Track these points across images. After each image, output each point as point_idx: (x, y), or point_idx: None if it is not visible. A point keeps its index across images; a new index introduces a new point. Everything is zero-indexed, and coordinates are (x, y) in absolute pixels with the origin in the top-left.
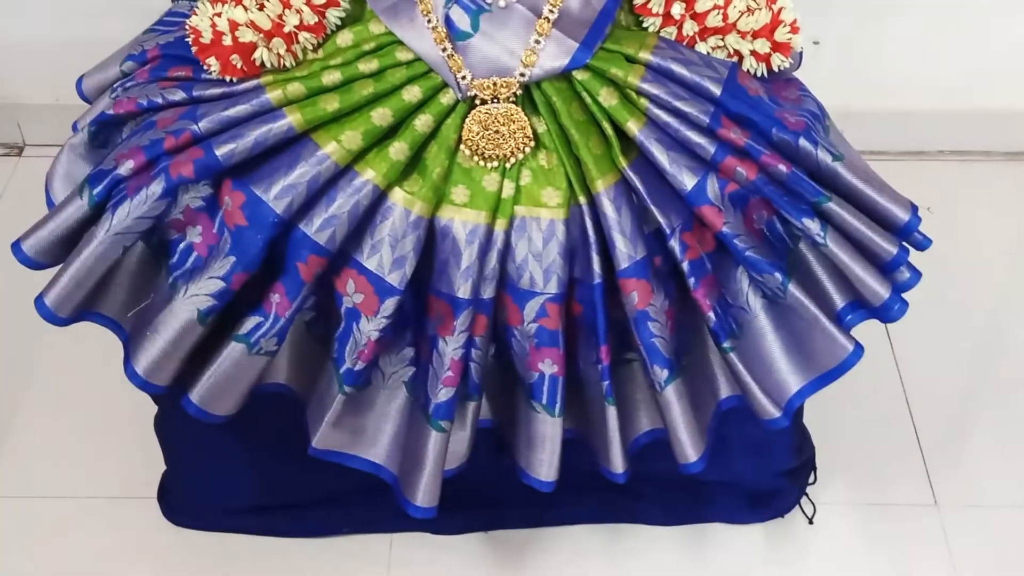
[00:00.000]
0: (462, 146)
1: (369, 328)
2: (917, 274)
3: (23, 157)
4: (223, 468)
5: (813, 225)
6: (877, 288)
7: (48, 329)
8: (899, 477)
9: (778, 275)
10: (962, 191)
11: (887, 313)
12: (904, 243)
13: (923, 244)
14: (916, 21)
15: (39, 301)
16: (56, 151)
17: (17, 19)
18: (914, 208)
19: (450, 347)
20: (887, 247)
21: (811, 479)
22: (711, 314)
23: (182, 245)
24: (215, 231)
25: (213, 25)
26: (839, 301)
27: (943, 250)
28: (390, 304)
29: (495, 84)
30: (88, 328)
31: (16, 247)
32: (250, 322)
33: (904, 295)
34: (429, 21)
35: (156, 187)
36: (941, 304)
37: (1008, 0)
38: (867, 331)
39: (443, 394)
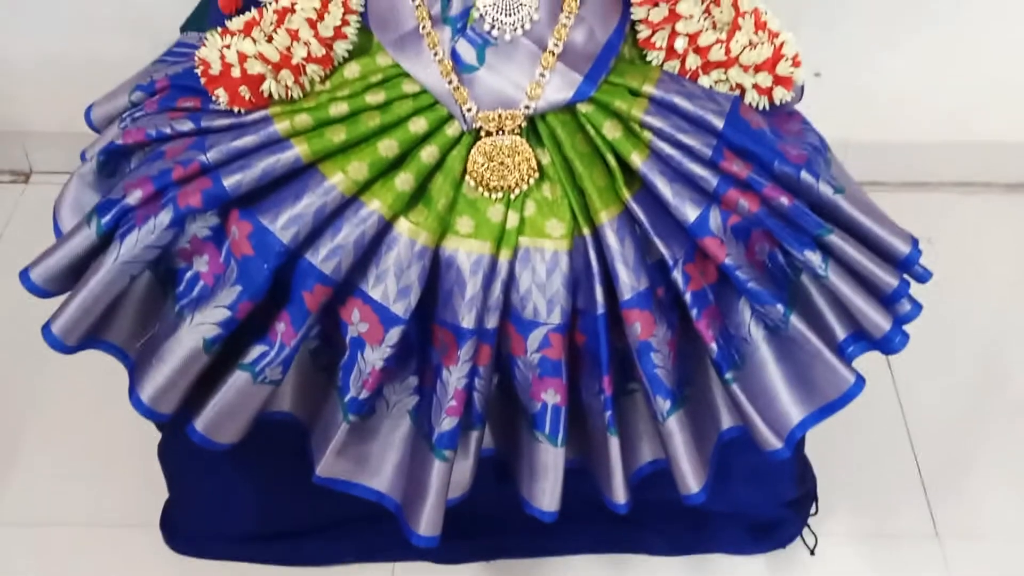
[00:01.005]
0: (467, 177)
1: (374, 357)
2: (918, 306)
3: (30, 184)
4: (226, 496)
5: (815, 257)
6: (878, 320)
7: (53, 356)
8: (900, 507)
9: (780, 307)
10: (963, 222)
11: (888, 345)
12: (905, 276)
13: (924, 277)
14: (916, 53)
15: (46, 329)
16: (63, 178)
17: (25, 47)
18: (914, 241)
19: (454, 376)
20: (888, 279)
21: (813, 510)
22: (713, 345)
23: (189, 274)
24: (222, 260)
25: (222, 57)
26: (841, 333)
27: (944, 280)
28: (395, 333)
29: (500, 116)
30: (92, 355)
31: (24, 275)
32: (255, 351)
33: (905, 326)
34: (436, 54)
35: (164, 217)
36: (942, 334)
37: (1008, 33)
38: (868, 362)
39: (447, 423)
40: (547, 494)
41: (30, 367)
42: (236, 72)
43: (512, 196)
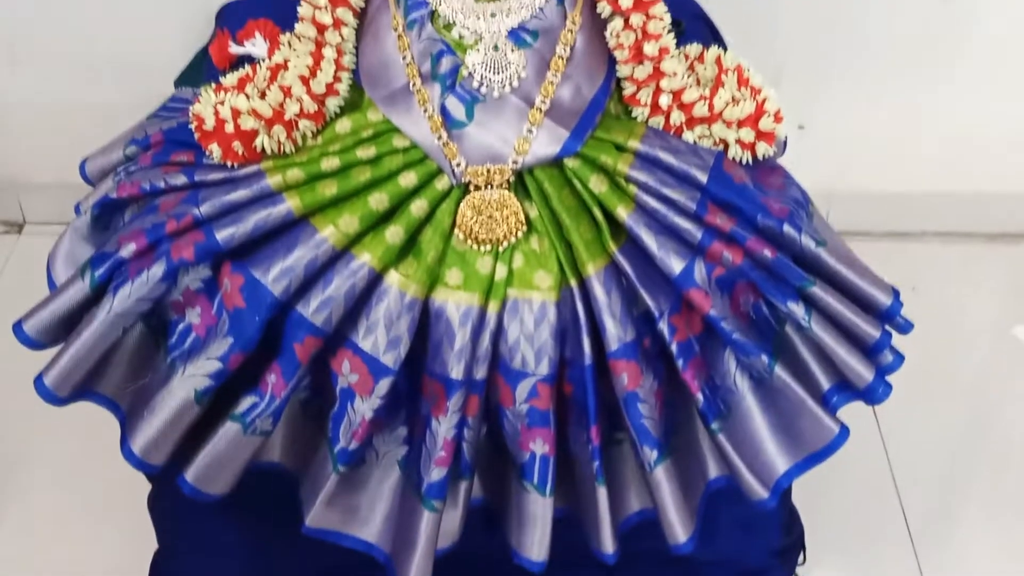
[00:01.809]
0: (456, 230)
1: (364, 408)
2: (900, 357)
3: (23, 234)
4: (216, 547)
5: (798, 309)
6: (861, 371)
7: (42, 406)
8: (887, 556)
9: (764, 357)
10: (945, 271)
11: (872, 395)
12: (887, 327)
13: (905, 328)
14: (898, 106)
15: (39, 381)
16: (56, 228)
17: (19, 98)
18: (896, 293)
19: (443, 427)
20: (870, 331)
21: (800, 559)
22: (699, 395)
23: (181, 326)
24: (214, 313)
25: (216, 112)
26: (825, 383)
27: (927, 328)
28: (384, 384)
29: (489, 171)
30: (81, 406)
31: (17, 328)
32: (246, 402)
33: (889, 376)
34: (425, 110)
35: (157, 269)
36: (926, 382)
37: (988, 87)
38: (854, 411)
39: (436, 474)
40: (535, 544)
41: (19, 417)
42: (230, 127)
43: (500, 249)
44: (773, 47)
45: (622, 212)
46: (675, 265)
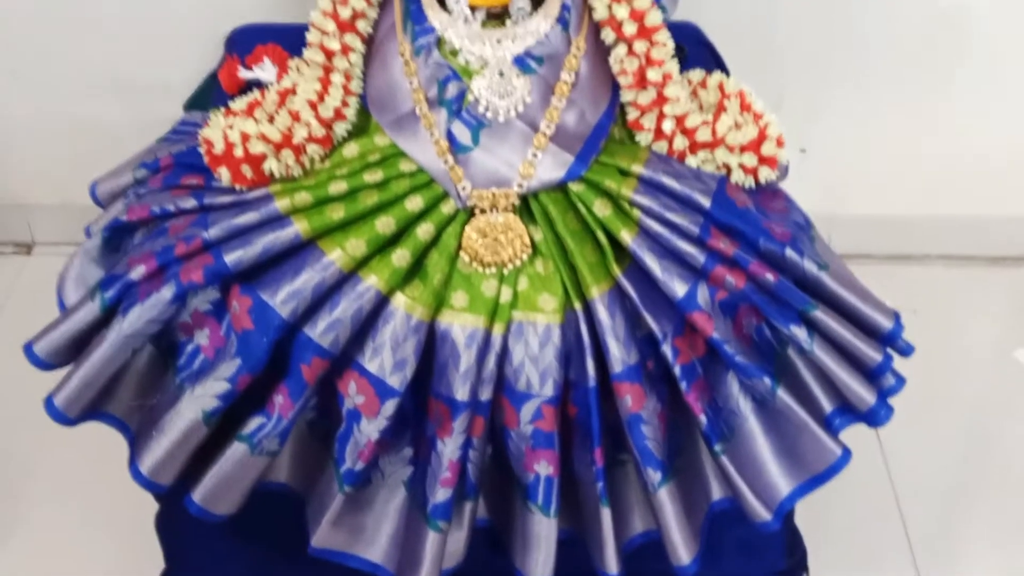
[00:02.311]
0: (462, 253)
1: (370, 429)
2: (901, 380)
3: (32, 256)
4: (223, 567)
5: (800, 332)
6: (863, 394)
7: (50, 426)
8: None
9: (767, 380)
10: (947, 293)
11: (873, 418)
12: (888, 350)
13: (907, 351)
14: (899, 130)
15: (49, 402)
16: (65, 249)
17: (27, 119)
18: (897, 316)
19: (448, 448)
20: (872, 354)
21: None
22: (703, 417)
23: (190, 347)
24: (222, 334)
25: (225, 136)
26: (827, 406)
27: (930, 350)
28: (390, 406)
29: (494, 195)
30: (89, 426)
31: (28, 349)
32: (253, 423)
33: (890, 398)
34: (432, 135)
35: (167, 292)
36: (928, 404)
37: (989, 111)
38: (857, 433)
39: (441, 494)
40: (540, 565)
41: (27, 437)
42: (239, 151)
43: (506, 271)
44: (774, 72)
45: (626, 236)
46: (678, 288)
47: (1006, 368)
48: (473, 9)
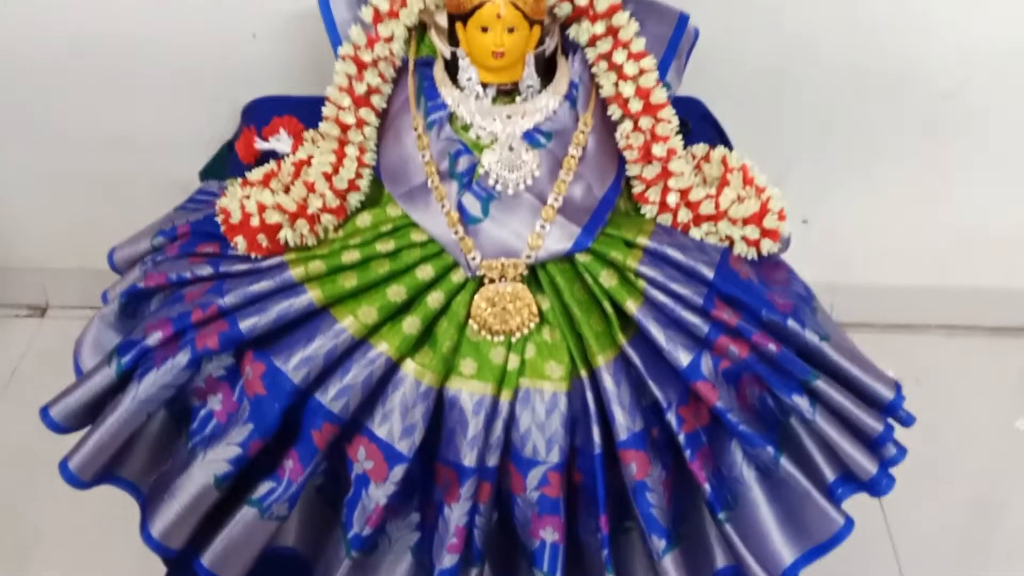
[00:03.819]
0: (471, 321)
1: (378, 494)
2: (903, 450)
3: (46, 318)
4: None
5: (802, 402)
6: (865, 464)
7: (62, 488)
8: None
9: (770, 449)
10: (948, 363)
11: (876, 488)
12: (890, 420)
13: (908, 421)
14: (900, 202)
15: (63, 466)
16: (78, 312)
17: (43, 185)
18: (898, 387)
19: (455, 514)
20: (873, 424)
21: None
22: (707, 485)
23: (203, 412)
24: (235, 399)
25: (242, 206)
26: (830, 475)
27: (932, 420)
28: (399, 471)
29: (503, 265)
30: (100, 489)
31: (44, 412)
32: (263, 487)
33: (892, 468)
34: (443, 206)
35: (182, 357)
36: (931, 474)
37: (988, 183)
38: (860, 501)
39: (447, 560)
40: None
41: (39, 499)
42: (255, 221)
43: (513, 339)
44: (778, 145)
45: (631, 306)
46: (683, 358)
47: (1008, 438)
48: (484, 86)
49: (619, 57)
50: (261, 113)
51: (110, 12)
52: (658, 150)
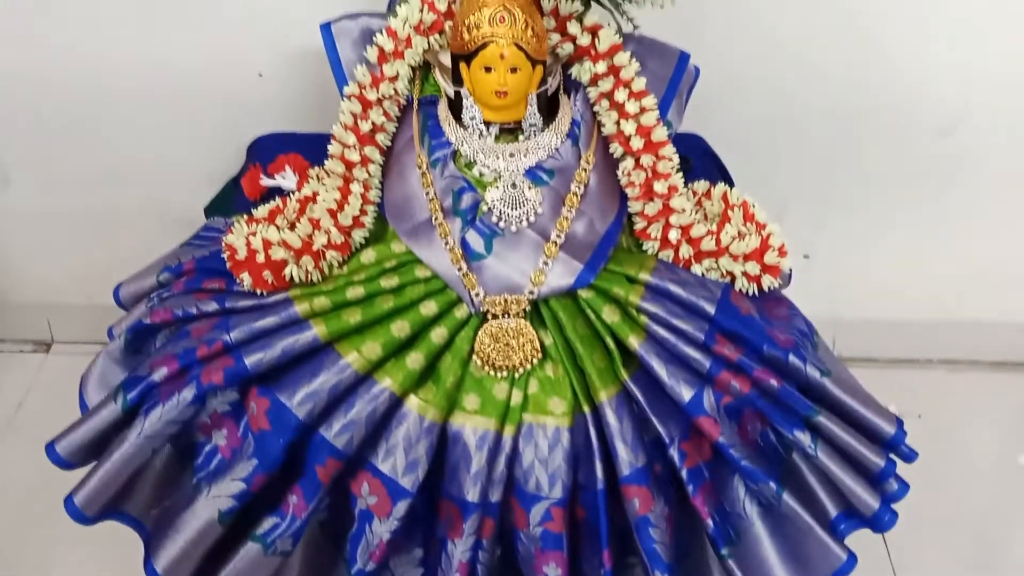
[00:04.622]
0: (474, 357)
1: (381, 529)
2: (905, 486)
3: (51, 353)
4: None
5: (804, 437)
6: (867, 499)
7: (66, 523)
8: None
9: (773, 484)
10: (951, 398)
11: (878, 523)
12: (891, 455)
13: (909, 457)
14: (901, 238)
15: (68, 501)
16: (83, 348)
17: (50, 223)
18: (899, 423)
19: (458, 549)
20: (875, 460)
21: None
22: (709, 521)
23: (207, 447)
24: (240, 434)
25: (248, 243)
26: (832, 510)
27: (934, 455)
28: (402, 506)
29: (506, 301)
30: (104, 524)
31: (50, 448)
32: (267, 523)
33: (894, 504)
34: (447, 243)
35: (187, 393)
36: (934, 508)
37: (989, 218)
38: (864, 537)
39: None
40: None
41: (45, 535)
42: (261, 257)
43: (516, 375)
44: (779, 181)
45: (634, 341)
46: (685, 393)
47: (1011, 473)
48: (488, 124)
49: (620, 96)
50: (267, 150)
51: (118, 50)
52: (659, 187)
